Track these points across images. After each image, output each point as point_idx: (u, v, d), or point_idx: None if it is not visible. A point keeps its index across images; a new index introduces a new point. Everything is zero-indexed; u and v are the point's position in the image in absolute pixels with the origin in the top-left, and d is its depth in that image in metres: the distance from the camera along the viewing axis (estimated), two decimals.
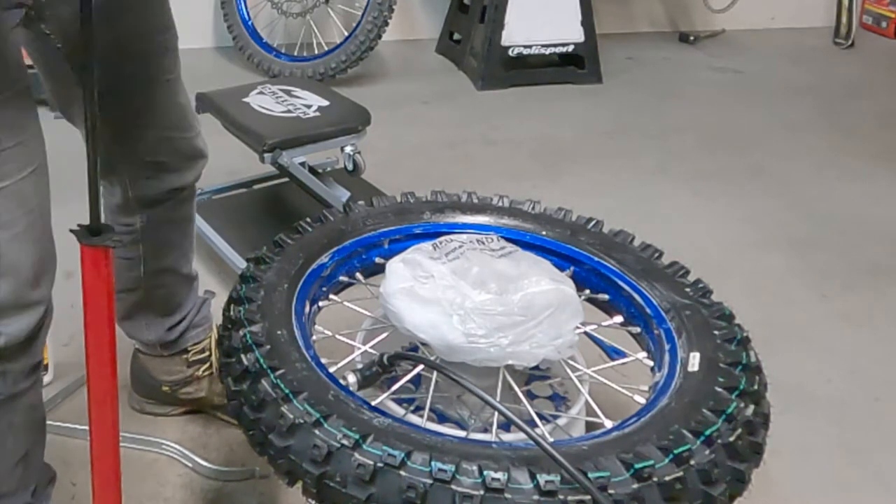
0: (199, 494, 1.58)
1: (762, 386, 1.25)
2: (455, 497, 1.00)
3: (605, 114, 3.50)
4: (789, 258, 2.46)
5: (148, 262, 1.56)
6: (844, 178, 2.98)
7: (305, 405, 1.10)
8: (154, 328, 1.64)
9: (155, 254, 1.56)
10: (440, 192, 1.64)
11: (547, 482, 1.00)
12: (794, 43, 4.51)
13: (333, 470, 1.05)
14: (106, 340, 1.08)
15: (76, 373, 1.79)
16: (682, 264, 1.50)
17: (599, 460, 1.04)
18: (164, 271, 1.59)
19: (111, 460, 1.14)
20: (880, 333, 2.15)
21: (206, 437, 1.70)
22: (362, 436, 1.05)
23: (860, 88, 3.90)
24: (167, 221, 1.55)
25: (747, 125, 3.44)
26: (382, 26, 3.55)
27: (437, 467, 1.01)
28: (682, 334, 1.33)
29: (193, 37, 3.96)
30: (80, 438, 1.59)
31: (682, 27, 4.58)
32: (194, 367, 1.70)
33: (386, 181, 2.48)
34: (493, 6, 3.71)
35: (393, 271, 1.36)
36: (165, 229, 1.56)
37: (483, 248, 1.42)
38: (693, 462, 1.06)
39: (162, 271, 1.59)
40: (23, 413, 1.18)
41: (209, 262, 2.25)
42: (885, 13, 4.67)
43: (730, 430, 1.12)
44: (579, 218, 1.61)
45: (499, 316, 1.27)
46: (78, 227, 1.04)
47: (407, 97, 3.54)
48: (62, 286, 2.00)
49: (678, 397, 1.19)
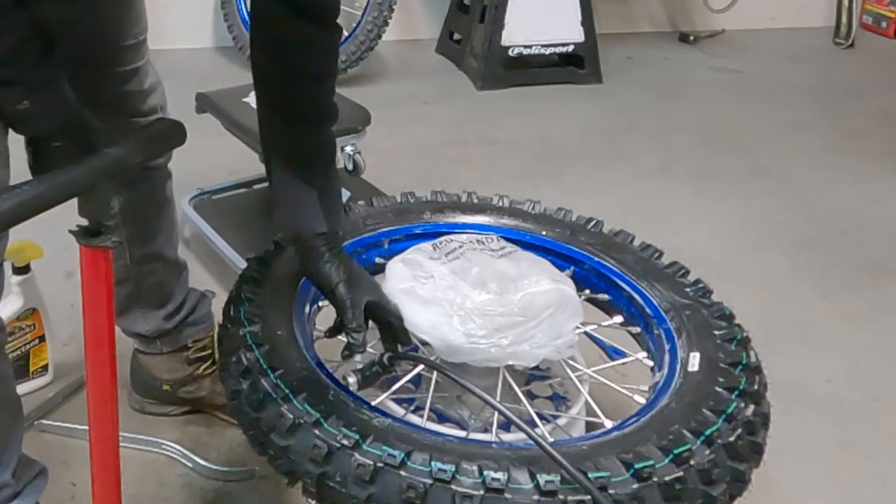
0: (199, 494, 1.58)
1: (762, 386, 1.25)
2: (455, 497, 1.00)
3: (605, 114, 3.50)
4: (789, 258, 2.46)
5: (134, 248, 1.56)
6: (844, 178, 2.98)
7: (305, 405, 1.10)
8: (150, 319, 1.65)
9: (140, 239, 1.57)
10: (440, 192, 1.64)
11: (547, 482, 1.00)
12: (794, 43, 4.51)
13: (333, 470, 1.05)
14: (106, 340, 1.08)
15: (76, 373, 1.79)
16: (682, 264, 1.50)
17: (599, 460, 1.05)
18: (150, 257, 1.60)
19: (111, 460, 1.14)
20: (881, 333, 2.15)
21: (206, 437, 1.70)
22: (362, 436, 1.05)
23: (860, 88, 3.90)
24: (146, 205, 1.56)
25: (747, 125, 3.44)
26: (382, 26, 3.55)
27: (437, 467, 1.01)
28: (683, 334, 1.33)
29: (193, 37, 3.96)
30: (80, 438, 1.59)
31: (682, 27, 4.58)
32: (195, 365, 1.70)
33: (386, 181, 2.48)
34: (493, 6, 3.71)
35: (393, 272, 1.36)
36: (146, 213, 1.57)
37: (483, 248, 1.42)
38: (693, 462, 1.06)
39: (149, 258, 1.60)
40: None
41: (209, 262, 2.25)
42: (885, 13, 4.67)
43: (730, 430, 1.12)
44: (579, 218, 1.61)
45: (499, 316, 1.27)
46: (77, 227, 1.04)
47: (407, 97, 3.54)
48: (62, 286, 2.02)
49: (678, 397, 1.20)
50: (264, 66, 1.19)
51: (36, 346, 1.78)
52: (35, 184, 0.94)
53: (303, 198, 1.23)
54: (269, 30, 1.16)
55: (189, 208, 2.31)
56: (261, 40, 1.18)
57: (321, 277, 1.24)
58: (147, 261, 1.60)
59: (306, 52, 1.17)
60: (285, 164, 1.23)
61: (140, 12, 1.42)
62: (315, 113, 1.22)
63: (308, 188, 1.22)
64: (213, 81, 2.53)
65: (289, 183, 1.23)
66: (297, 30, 1.13)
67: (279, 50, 1.16)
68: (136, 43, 1.42)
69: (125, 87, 1.42)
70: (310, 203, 1.23)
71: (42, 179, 0.95)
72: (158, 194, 1.59)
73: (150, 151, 1.15)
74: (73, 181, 0.98)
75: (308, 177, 1.23)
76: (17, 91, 1.06)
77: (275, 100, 1.21)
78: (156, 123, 1.21)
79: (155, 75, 1.50)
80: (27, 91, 1.06)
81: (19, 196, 0.91)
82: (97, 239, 1.03)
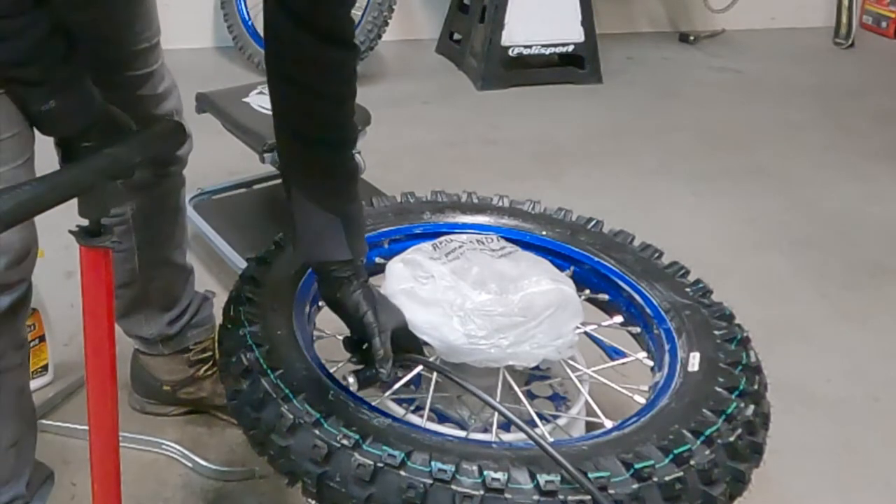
0: (199, 494, 1.58)
1: (762, 386, 1.25)
2: (455, 497, 1.00)
3: (605, 114, 3.50)
4: (789, 258, 2.46)
5: (142, 253, 1.56)
6: (844, 178, 2.98)
7: (305, 405, 1.10)
8: (154, 323, 1.64)
9: (149, 245, 1.57)
10: (440, 193, 1.64)
11: (547, 482, 1.00)
12: (794, 43, 4.51)
13: (333, 470, 1.05)
14: (106, 340, 1.08)
15: (76, 373, 1.79)
16: (682, 264, 1.50)
17: (599, 460, 1.05)
18: (159, 263, 1.59)
19: (111, 460, 1.14)
20: (881, 333, 2.15)
21: (206, 437, 1.70)
22: (362, 436, 1.05)
23: (860, 88, 3.90)
24: (158, 211, 1.56)
25: (747, 125, 3.44)
26: (382, 26, 3.55)
27: (437, 467, 1.01)
28: (683, 334, 1.33)
29: (193, 37, 3.96)
30: (80, 438, 1.59)
31: (682, 27, 4.58)
32: (196, 366, 1.70)
33: (386, 181, 2.48)
34: (493, 6, 3.71)
35: (393, 272, 1.36)
36: (157, 219, 1.57)
37: (483, 248, 1.42)
38: (693, 462, 1.06)
39: (157, 263, 1.59)
40: (11, 394, 1.20)
41: (209, 262, 2.25)
42: (885, 13, 4.66)
43: (730, 430, 1.12)
44: (579, 218, 1.61)
45: (499, 317, 1.27)
46: (77, 227, 1.04)
47: (407, 97, 3.54)
48: (62, 286, 2.01)
49: (678, 397, 1.20)
50: (282, 91, 1.17)
51: (36, 347, 1.78)
52: (35, 184, 0.94)
53: (325, 225, 1.20)
54: (286, 52, 1.14)
55: (189, 208, 2.31)
56: (278, 65, 1.16)
57: (349, 306, 1.22)
58: (156, 266, 1.59)
59: (324, 73, 1.14)
60: (307, 191, 1.20)
61: (152, 16, 1.41)
62: (335, 135, 1.20)
63: (330, 215, 1.20)
64: (213, 81, 2.53)
65: (310, 210, 1.20)
66: (314, 51, 1.12)
67: (297, 73, 1.14)
68: (148, 47, 1.41)
69: (139, 91, 1.41)
70: (333, 230, 1.20)
71: (42, 179, 0.95)
72: (172, 201, 1.59)
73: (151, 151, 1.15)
74: (73, 181, 0.98)
75: (330, 203, 1.20)
76: (42, 91, 1.06)
77: (294, 124, 1.18)
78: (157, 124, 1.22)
79: (170, 79, 1.48)
80: (52, 91, 1.06)
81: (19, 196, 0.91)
82: (97, 239, 1.03)
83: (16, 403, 1.21)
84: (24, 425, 1.24)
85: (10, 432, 1.21)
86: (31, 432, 1.27)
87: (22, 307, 1.17)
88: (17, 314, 1.17)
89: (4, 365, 1.17)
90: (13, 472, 1.23)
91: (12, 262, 1.12)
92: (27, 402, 1.26)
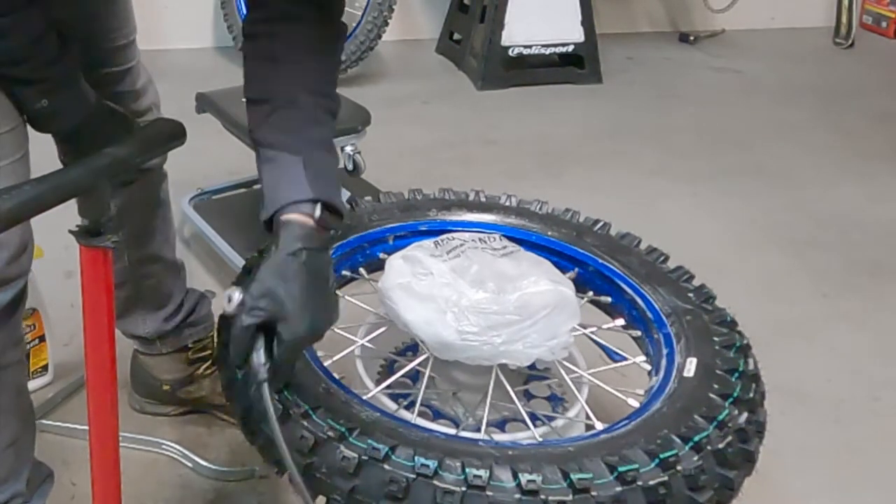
0: (199, 494, 1.58)
1: (759, 394, 1.23)
2: (436, 492, 1.00)
3: (605, 114, 3.50)
4: (789, 258, 2.46)
5: (131, 250, 1.57)
6: (844, 178, 2.98)
7: (295, 396, 1.10)
8: (150, 321, 1.65)
9: (137, 241, 1.57)
10: (447, 190, 1.63)
11: (529, 481, 1.00)
12: (794, 43, 4.51)
13: (319, 461, 1.05)
14: (106, 340, 1.08)
15: (76, 373, 1.79)
16: (687, 269, 1.48)
17: (584, 462, 1.04)
18: (149, 260, 1.60)
19: (111, 460, 1.14)
20: (880, 333, 2.15)
21: (206, 437, 1.70)
22: (349, 429, 1.06)
23: (860, 88, 3.90)
24: (143, 207, 1.56)
25: (747, 125, 3.44)
26: (382, 26, 3.55)
27: (420, 462, 1.01)
28: (681, 339, 1.32)
29: (193, 37, 3.96)
30: (80, 438, 1.59)
31: (682, 27, 4.59)
32: (195, 365, 1.70)
33: (386, 181, 2.48)
34: (493, 6, 3.71)
35: (392, 267, 1.36)
36: (143, 215, 1.57)
37: (485, 247, 1.41)
38: (680, 467, 1.05)
39: (147, 260, 1.60)
40: (9, 392, 1.20)
41: (209, 262, 2.25)
42: (885, 13, 4.67)
43: (720, 436, 1.10)
44: (586, 219, 1.59)
45: (493, 314, 1.26)
46: (77, 227, 1.04)
47: (407, 97, 3.55)
48: (62, 286, 2.01)
49: (671, 402, 1.18)
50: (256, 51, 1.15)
51: (36, 347, 1.78)
52: (35, 184, 0.94)
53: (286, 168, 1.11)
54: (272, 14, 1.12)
55: (189, 208, 2.31)
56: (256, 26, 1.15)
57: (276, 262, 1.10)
58: (145, 263, 1.60)
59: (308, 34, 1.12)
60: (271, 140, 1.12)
61: (128, 14, 1.44)
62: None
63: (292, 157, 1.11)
64: (213, 81, 2.53)
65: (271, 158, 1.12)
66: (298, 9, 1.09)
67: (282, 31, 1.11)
68: (126, 44, 1.43)
69: (118, 87, 1.43)
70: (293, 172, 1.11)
71: (42, 179, 0.95)
72: (154, 196, 1.60)
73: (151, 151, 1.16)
74: (73, 181, 0.98)
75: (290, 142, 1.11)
76: (36, 89, 1.06)
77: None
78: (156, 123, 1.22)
79: (146, 75, 1.50)
80: (45, 89, 1.07)
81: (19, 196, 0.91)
82: (97, 239, 1.03)
83: (14, 401, 1.22)
84: (23, 423, 1.25)
85: (8, 430, 1.21)
86: (30, 431, 1.28)
87: (20, 303, 1.18)
88: (15, 310, 1.17)
89: (3, 362, 1.17)
90: (12, 470, 1.23)
91: (12, 258, 1.12)
92: (25, 400, 1.26)
